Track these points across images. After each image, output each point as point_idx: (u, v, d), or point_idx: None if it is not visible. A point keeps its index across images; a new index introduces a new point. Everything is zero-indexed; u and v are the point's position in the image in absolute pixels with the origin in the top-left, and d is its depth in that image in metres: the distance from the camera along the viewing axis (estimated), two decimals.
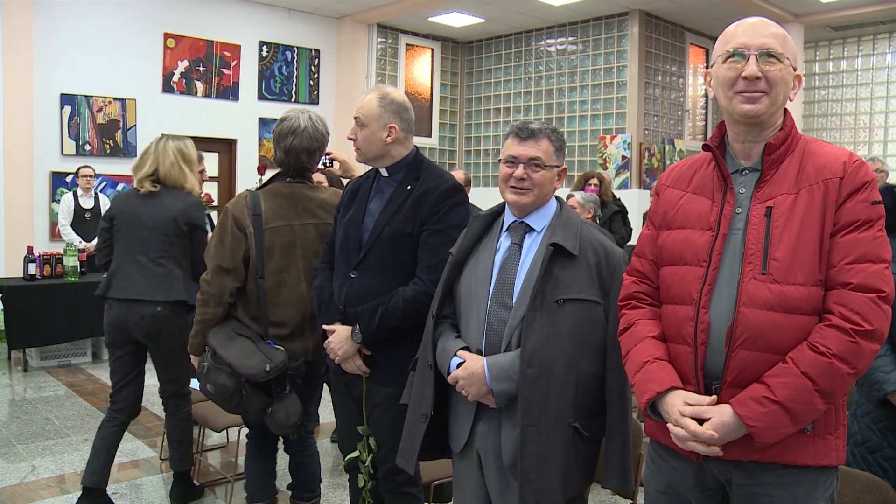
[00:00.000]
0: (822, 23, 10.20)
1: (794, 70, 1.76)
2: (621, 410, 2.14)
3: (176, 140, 3.78)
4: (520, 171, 2.16)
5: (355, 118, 2.67)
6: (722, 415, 1.65)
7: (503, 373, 2.07)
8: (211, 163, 9.24)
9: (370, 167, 2.79)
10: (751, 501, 1.74)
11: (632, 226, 7.22)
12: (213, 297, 2.93)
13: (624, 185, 9.78)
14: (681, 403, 1.71)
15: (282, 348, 2.92)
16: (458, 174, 6.44)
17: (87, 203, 7.74)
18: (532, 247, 2.19)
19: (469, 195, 6.64)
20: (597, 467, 2.22)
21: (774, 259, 1.66)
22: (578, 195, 5.56)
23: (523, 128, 2.19)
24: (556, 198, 2.29)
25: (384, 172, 2.72)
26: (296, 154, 3.00)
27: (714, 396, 1.69)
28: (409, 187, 2.62)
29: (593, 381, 2.13)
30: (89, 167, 7.77)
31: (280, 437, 3.31)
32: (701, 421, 1.67)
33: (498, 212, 2.31)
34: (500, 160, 2.24)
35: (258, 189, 3.09)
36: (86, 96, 8.56)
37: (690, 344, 1.74)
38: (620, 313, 1.98)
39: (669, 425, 1.72)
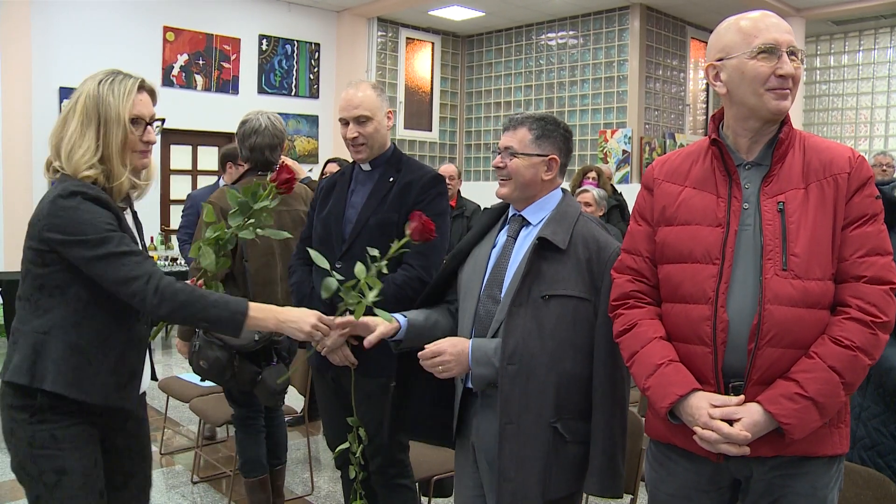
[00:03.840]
0: (824, 17, 10.17)
1: None
2: (605, 414, 2.04)
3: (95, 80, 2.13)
4: (497, 159, 2.17)
5: (357, 117, 2.67)
6: (752, 414, 1.64)
7: (485, 356, 2.05)
8: (211, 156, 9.22)
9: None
10: (770, 494, 1.74)
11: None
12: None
13: (625, 180, 9.77)
14: (707, 406, 1.67)
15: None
16: (450, 167, 6.46)
17: None
18: (525, 240, 2.15)
19: (461, 187, 6.70)
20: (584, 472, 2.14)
21: (794, 255, 1.66)
22: (594, 191, 5.56)
23: (509, 119, 2.21)
24: (563, 190, 2.23)
25: (366, 167, 2.75)
26: (260, 150, 3.32)
27: (741, 396, 1.67)
28: (391, 179, 2.68)
29: (578, 381, 2.06)
30: None
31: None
32: (730, 422, 1.65)
33: (506, 205, 2.29)
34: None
35: (233, 184, 3.38)
36: None
37: (708, 344, 1.71)
38: (616, 313, 1.91)
39: (697, 429, 1.67)
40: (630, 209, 7.56)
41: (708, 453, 1.73)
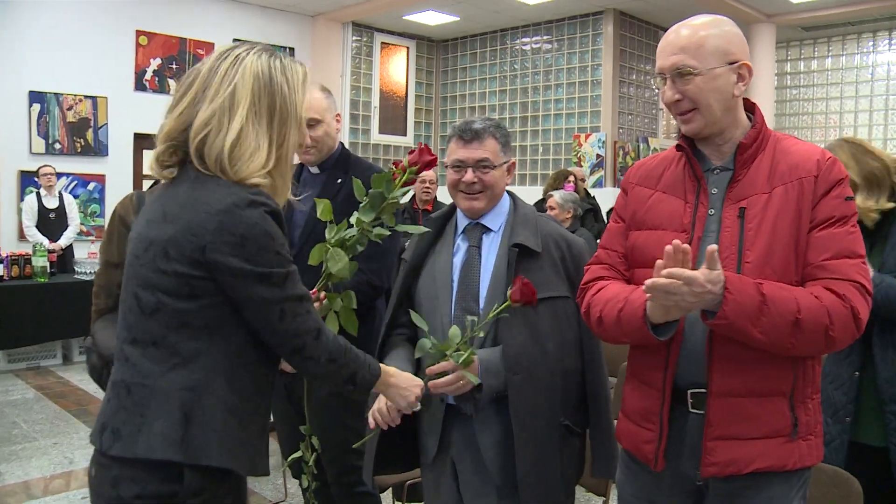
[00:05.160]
0: (794, 23, 10.30)
1: (733, 63, 1.67)
2: (601, 401, 2.13)
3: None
4: (469, 175, 2.09)
5: (307, 121, 2.61)
6: (719, 274, 1.53)
7: (495, 367, 2.02)
8: None
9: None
10: (729, 502, 1.71)
11: (605, 222, 7.27)
12: (102, 288, 3.06)
13: (598, 184, 9.81)
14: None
15: None
16: (429, 172, 6.44)
17: (50, 203, 7.67)
18: (492, 248, 2.12)
19: (437, 193, 6.66)
20: (585, 459, 2.22)
21: (747, 262, 1.63)
22: (557, 195, 5.52)
23: (466, 129, 2.10)
24: (508, 192, 2.22)
25: (314, 169, 2.70)
26: None
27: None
28: (339, 181, 2.62)
29: (575, 375, 2.11)
30: (49, 166, 7.69)
31: None
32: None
33: (449, 213, 2.25)
34: (445, 164, 2.16)
35: (150, 189, 3.31)
36: (55, 94, 8.44)
37: (662, 351, 1.70)
38: (583, 288, 1.88)
39: (651, 281, 1.55)
40: (604, 213, 7.65)
41: (647, 460, 1.75)
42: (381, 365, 1.78)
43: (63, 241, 7.66)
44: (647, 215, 1.81)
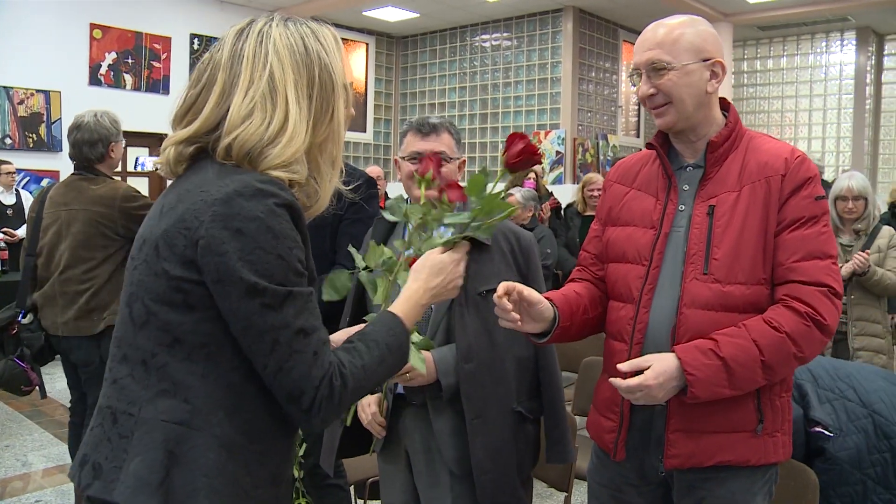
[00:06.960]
0: (751, 22, 10.47)
1: (707, 60, 1.70)
2: (553, 389, 2.18)
3: None
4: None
5: None
6: (663, 360, 1.61)
7: (449, 367, 2.05)
8: (141, 157, 9.01)
9: None
10: (690, 495, 1.74)
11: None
12: (23, 271, 3.45)
13: (558, 180, 9.88)
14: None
15: (16, 315, 3.40)
16: (377, 169, 6.52)
17: (7, 199, 7.51)
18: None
19: (387, 189, 6.73)
20: (540, 447, 2.25)
21: (715, 259, 1.65)
22: (518, 193, 5.55)
23: (424, 123, 2.17)
24: None
25: None
26: (78, 146, 3.34)
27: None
28: None
29: (528, 363, 2.16)
30: (9, 163, 7.52)
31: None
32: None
33: None
34: (402, 157, 2.18)
35: (60, 183, 3.53)
36: (5, 87, 8.25)
37: (627, 342, 1.73)
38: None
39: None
40: (563, 210, 7.68)
41: (608, 450, 1.79)
42: (390, 313, 1.40)
43: (21, 232, 7.51)
44: (621, 212, 1.85)
